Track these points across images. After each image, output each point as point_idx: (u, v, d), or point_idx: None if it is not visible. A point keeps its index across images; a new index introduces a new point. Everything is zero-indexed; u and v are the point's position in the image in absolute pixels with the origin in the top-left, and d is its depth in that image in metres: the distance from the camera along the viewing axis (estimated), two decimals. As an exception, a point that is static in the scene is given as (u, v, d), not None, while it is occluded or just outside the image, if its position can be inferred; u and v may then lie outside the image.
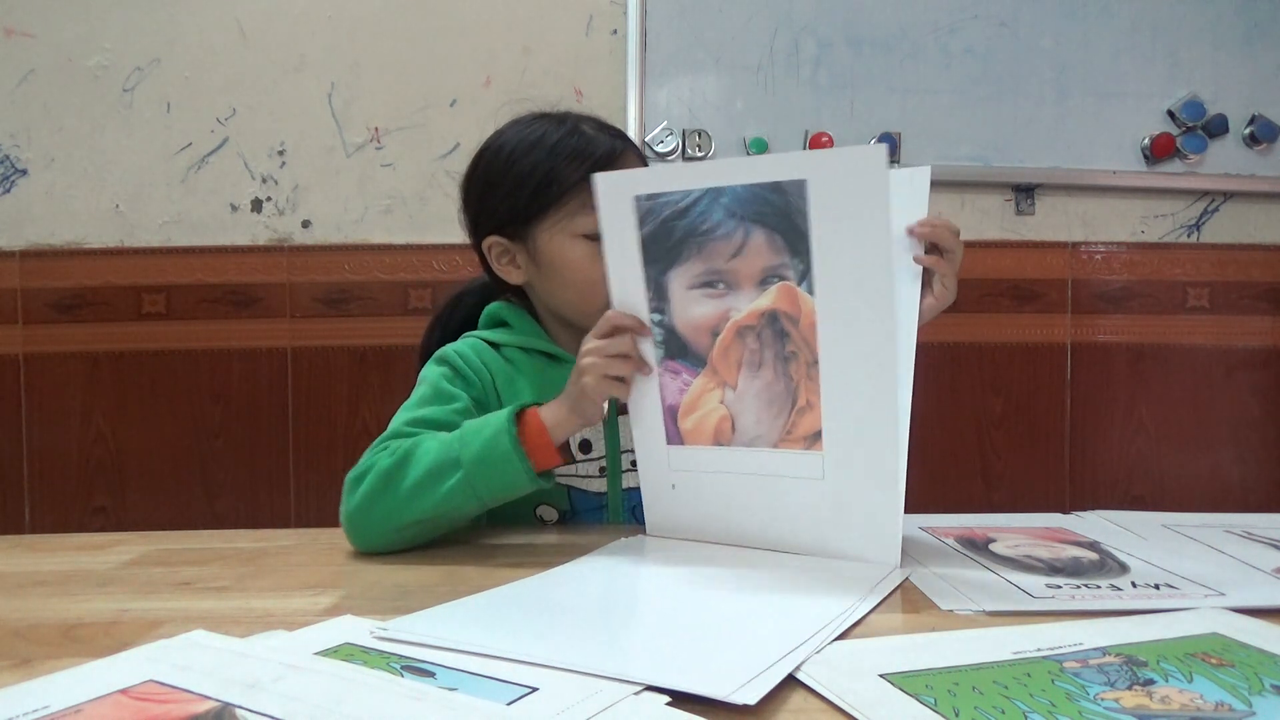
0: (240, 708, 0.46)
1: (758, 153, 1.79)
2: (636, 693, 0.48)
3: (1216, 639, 0.56)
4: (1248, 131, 1.84)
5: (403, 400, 0.94)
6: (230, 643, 0.56)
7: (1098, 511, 0.96)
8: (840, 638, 0.57)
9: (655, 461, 0.84)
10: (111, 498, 1.80)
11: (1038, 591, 0.66)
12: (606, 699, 0.47)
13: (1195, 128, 1.83)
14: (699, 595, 0.69)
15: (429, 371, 0.96)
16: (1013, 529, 0.87)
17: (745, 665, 0.50)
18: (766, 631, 0.57)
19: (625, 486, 0.96)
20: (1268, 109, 1.84)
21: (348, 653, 0.54)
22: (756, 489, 0.79)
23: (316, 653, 0.54)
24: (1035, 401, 1.87)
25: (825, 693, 0.48)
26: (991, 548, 0.80)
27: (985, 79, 1.83)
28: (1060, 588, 0.67)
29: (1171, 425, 1.89)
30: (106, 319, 1.79)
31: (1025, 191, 1.87)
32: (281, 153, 1.82)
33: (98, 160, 1.80)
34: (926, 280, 0.78)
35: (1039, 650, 0.54)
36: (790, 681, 0.50)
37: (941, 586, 0.68)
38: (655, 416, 0.83)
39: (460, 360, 0.96)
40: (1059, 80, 1.83)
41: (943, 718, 0.45)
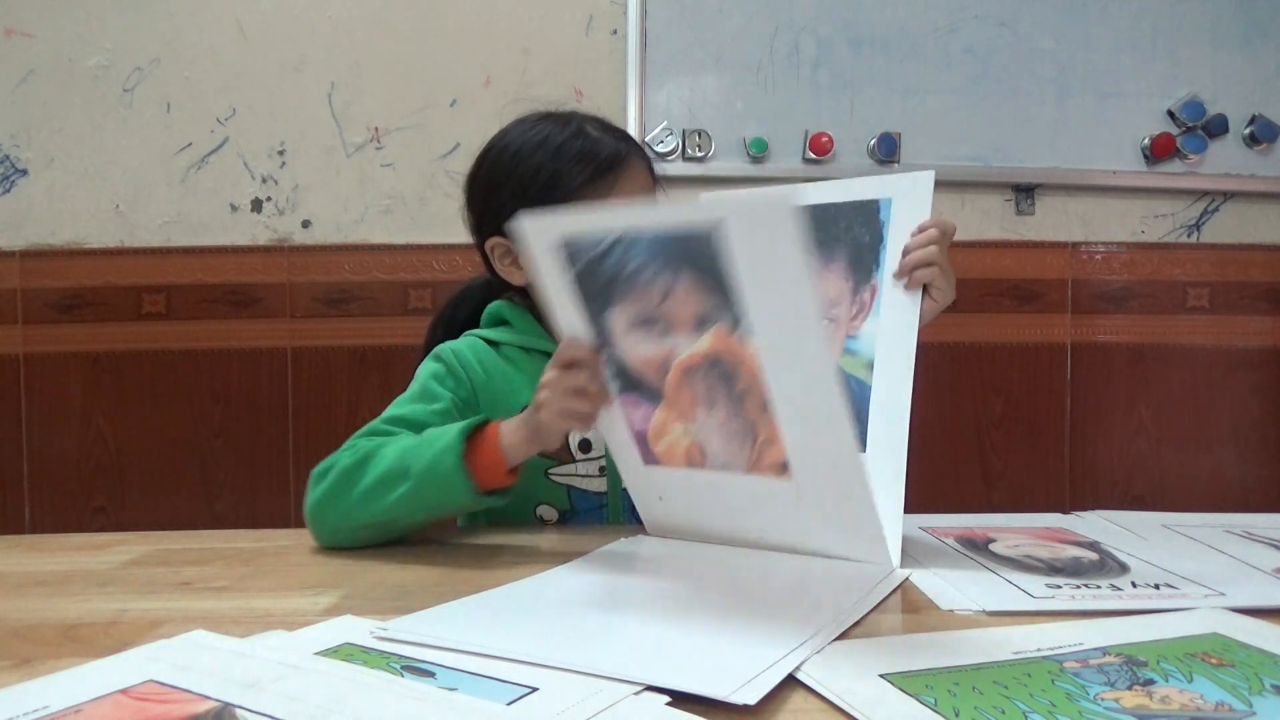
0: (240, 708, 0.46)
1: (758, 153, 1.79)
2: (636, 693, 0.48)
3: (1216, 639, 0.56)
4: (1248, 131, 1.84)
5: (402, 398, 0.95)
6: (230, 643, 0.56)
7: (1098, 511, 0.96)
8: (840, 638, 0.57)
9: (638, 478, 0.83)
10: (111, 498, 1.80)
11: (1038, 591, 0.66)
12: (606, 699, 0.47)
13: (1195, 128, 1.83)
14: (699, 595, 0.69)
15: (423, 368, 0.98)
16: (1013, 529, 0.87)
17: (745, 665, 0.50)
18: (766, 631, 0.57)
19: (624, 486, 0.95)
20: (1268, 109, 1.84)
21: (348, 653, 0.54)
22: (742, 504, 0.78)
23: (316, 653, 0.54)
24: (1035, 401, 1.87)
25: (825, 693, 0.48)
26: (991, 548, 0.80)
27: (985, 79, 1.83)
28: (1060, 588, 0.67)
29: (1171, 425, 1.89)
30: (106, 319, 1.79)
31: (1025, 191, 1.87)
32: (281, 153, 1.82)
33: (98, 160, 1.80)
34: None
35: (1039, 650, 0.54)
36: (790, 681, 0.50)
37: (941, 586, 0.68)
38: (627, 441, 0.81)
39: (454, 359, 0.97)
40: (1059, 80, 1.83)
41: (943, 718, 0.45)
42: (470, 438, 0.80)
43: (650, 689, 0.48)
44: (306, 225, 1.82)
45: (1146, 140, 1.83)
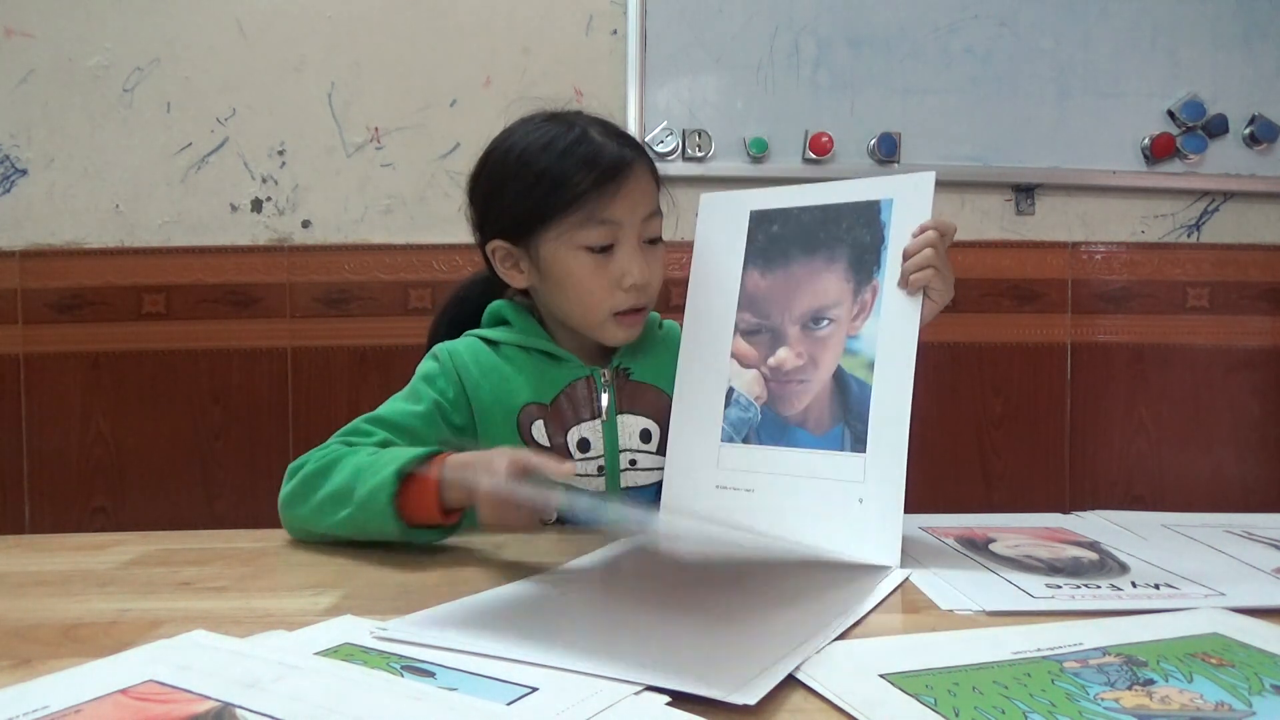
0: (240, 708, 0.46)
1: (758, 153, 1.79)
2: (636, 693, 0.48)
3: (1216, 639, 0.56)
4: (1248, 131, 1.84)
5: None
6: (230, 643, 0.56)
7: (1098, 511, 0.96)
8: (840, 638, 0.57)
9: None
10: (111, 498, 1.80)
11: (1038, 591, 0.66)
12: (606, 699, 0.47)
13: (1195, 128, 1.83)
14: (699, 595, 0.69)
15: (420, 366, 0.99)
16: (1013, 529, 0.87)
17: (745, 665, 0.50)
18: (766, 631, 0.57)
19: (624, 486, 0.95)
20: (1268, 109, 1.84)
21: (348, 653, 0.54)
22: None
23: (316, 653, 0.54)
24: (1035, 401, 1.87)
25: (825, 693, 0.48)
26: (991, 548, 0.80)
27: (985, 79, 1.83)
28: (1060, 588, 0.67)
29: (1171, 425, 1.89)
30: (106, 319, 1.79)
31: (1025, 191, 1.87)
32: (281, 153, 1.82)
33: (98, 160, 1.80)
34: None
35: (1039, 650, 0.54)
36: (790, 681, 0.50)
37: (941, 586, 0.68)
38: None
39: (448, 359, 0.97)
40: (1059, 80, 1.83)
41: (943, 718, 0.45)
42: (415, 471, 0.78)
43: (650, 689, 0.48)
44: (306, 225, 1.82)
45: (1146, 140, 1.83)
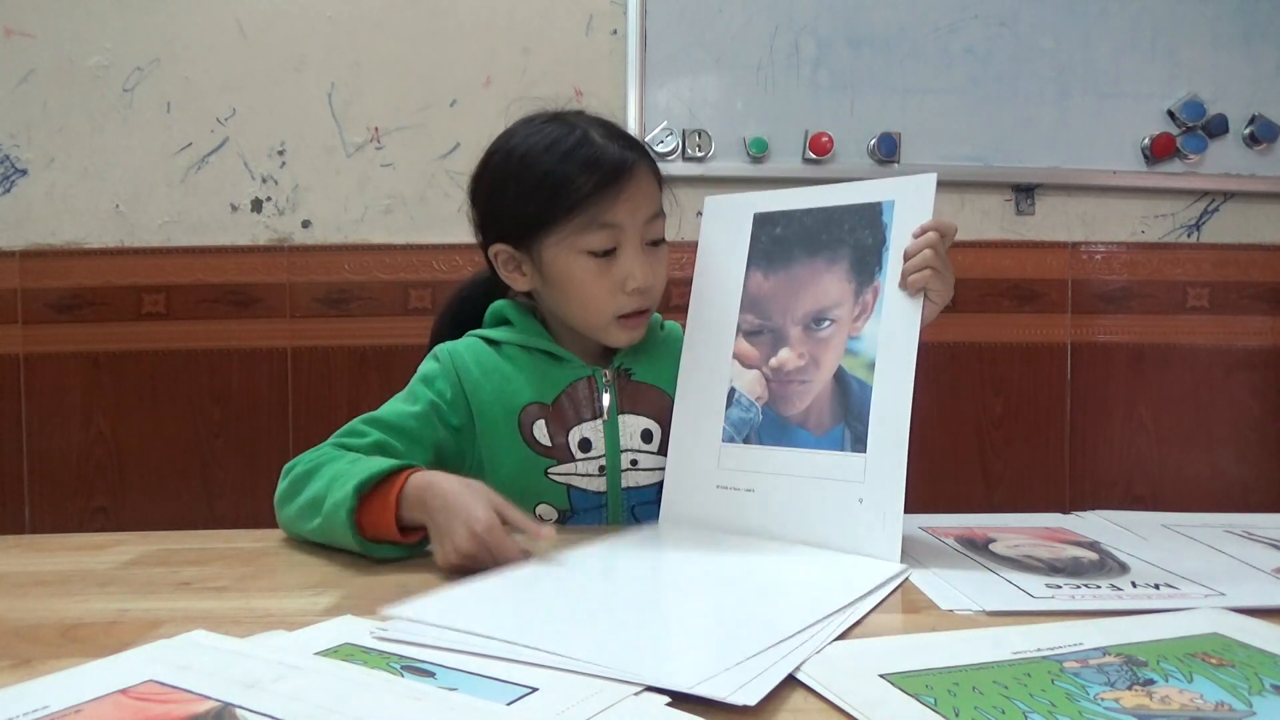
0: (240, 708, 0.46)
1: (758, 153, 1.79)
2: (636, 693, 0.48)
3: (1216, 639, 0.56)
4: (1248, 131, 1.84)
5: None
6: (230, 643, 0.56)
7: (1098, 511, 0.96)
8: (840, 638, 0.57)
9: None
10: (111, 498, 1.80)
11: (1038, 591, 0.66)
12: (606, 699, 0.47)
13: (1195, 128, 1.83)
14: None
15: (421, 367, 0.99)
16: (1013, 529, 0.87)
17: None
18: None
19: (625, 486, 0.95)
20: (1268, 109, 1.84)
21: (348, 653, 0.54)
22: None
23: (316, 653, 0.54)
24: (1035, 401, 1.87)
25: (825, 693, 0.48)
26: (991, 548, 0.80)
27: (985, 79, 1.83)
28: (1060, 588, 0.67)
29: (1171, 425, 1.89)
30: (106, 319, 1.79)
31: (1025, 191, 1.87)
32: (281, 153, 1.82)
33: (98, 160, 1.80)
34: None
35: (1039, 650, 0.54)
36: (790, 681, 0.50)
37: (941, 586, 0.68)
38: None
39: (448, 359, 0.97)
40: (1059, 80, 1.83)
41: (943, 718, 0.45)
42: (377, 487, 0.78)
43: (650, 689, 0.48)
44: (306, 225, 1.82)
45: (1146, 140, 1.83)
